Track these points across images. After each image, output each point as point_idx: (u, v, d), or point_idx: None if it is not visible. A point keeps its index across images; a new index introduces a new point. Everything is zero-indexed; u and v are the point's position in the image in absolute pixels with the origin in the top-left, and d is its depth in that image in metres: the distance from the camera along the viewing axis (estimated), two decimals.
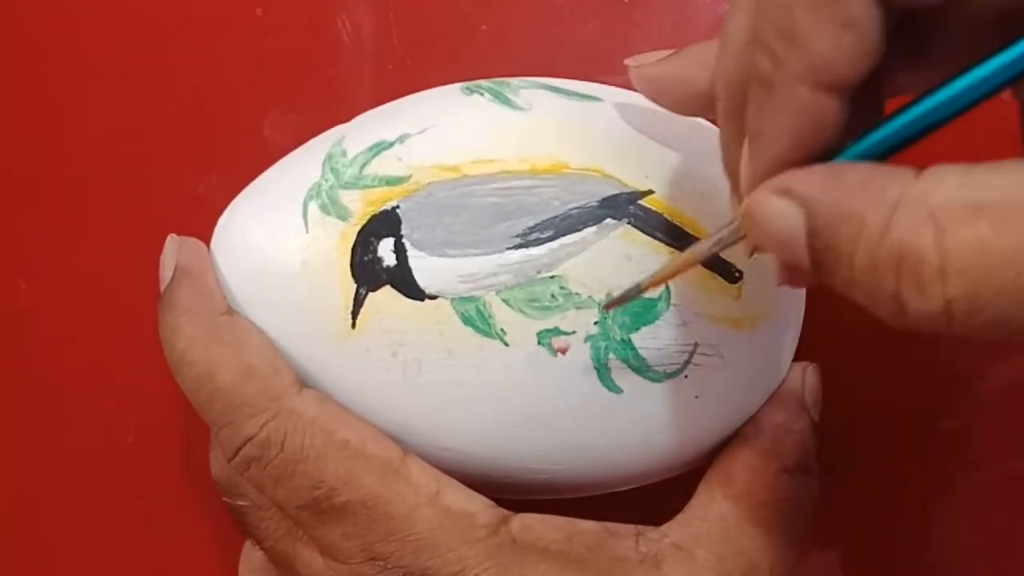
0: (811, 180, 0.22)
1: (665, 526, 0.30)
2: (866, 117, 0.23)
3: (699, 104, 0.29)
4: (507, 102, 0.32)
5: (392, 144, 0.31)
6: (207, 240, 0.33)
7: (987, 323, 0.20)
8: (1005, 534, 0.38)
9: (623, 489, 0.33)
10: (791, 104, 0.22)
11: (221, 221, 0.33)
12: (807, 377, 0.32)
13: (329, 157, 0.32)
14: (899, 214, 0.20)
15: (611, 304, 0.29)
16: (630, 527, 0.30)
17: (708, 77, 0.27)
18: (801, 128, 0.22)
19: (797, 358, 0.33)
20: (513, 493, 0.32)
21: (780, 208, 0.22)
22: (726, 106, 0.25)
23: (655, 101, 0.30)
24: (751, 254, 0.26)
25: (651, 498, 0.33)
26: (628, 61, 0.31)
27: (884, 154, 0.22)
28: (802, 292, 0.33)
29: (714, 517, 0.30)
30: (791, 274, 0.24)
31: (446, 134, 0.31)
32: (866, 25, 0.21)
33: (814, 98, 0.22)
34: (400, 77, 0.40)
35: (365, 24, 0.40)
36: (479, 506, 0.29)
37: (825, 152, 0.23)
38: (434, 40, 0.40)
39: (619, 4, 0.40)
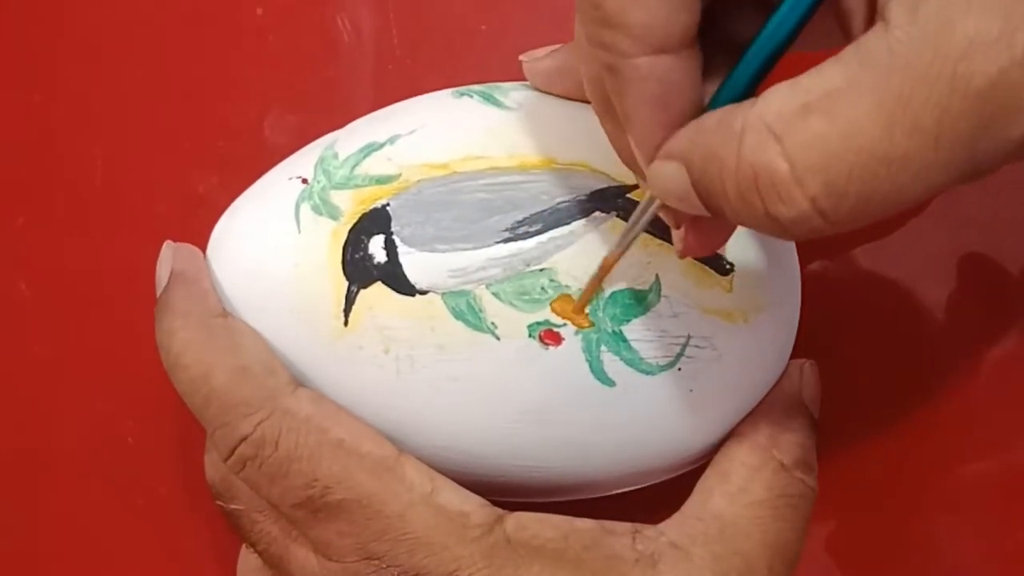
0: (683, 136, 0.24)
1: (662, 524, 0.30)
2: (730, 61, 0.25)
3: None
4: (496, 103, 0.32)
5: (382, 145, 0.31)
6: (207, 240, 0.33)
7: (855, 207, 0.22)
8: (1004, 527, 0.37)
9: (620, 492, 0.33)
10: (636, 78, 0.24)
11: (217, 227, 0.33)
12: (805, 374, 0.32)
13: (321, 160, 0.32)
14: (745, 139, 0.22)
15: (583, 302, 0.30)
16: (627, 525, 0.30)
17: None
18: (654, 94, 0.24)
19: (796, 355, 0.33)
20: (510, 494, 0.32)
21: (667, 171, 0.25)
22: (597, 104, 0.27)
23: (548, 92, 0.32)
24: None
25: (650, 497, 0.33)
26: (522, 57, 0.33)
27: (748, 91, 0.24)
28: (798, 287, 0.33)
29: (710, 516, 0.30)
30: (698, 235, 0.27)
31: (435, 134, 0.31)
32: None
33: (652, 64, 0.24)
34: (399, 78, 0.40)
35: (365, 24, 0.40)
36: (473, 505, 0.29)
37: (696, 107, 0.25)
38: (434, 40, 0.40)
39: None
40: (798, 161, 0.21)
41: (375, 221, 0.30)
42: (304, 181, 0.31)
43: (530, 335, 0.29)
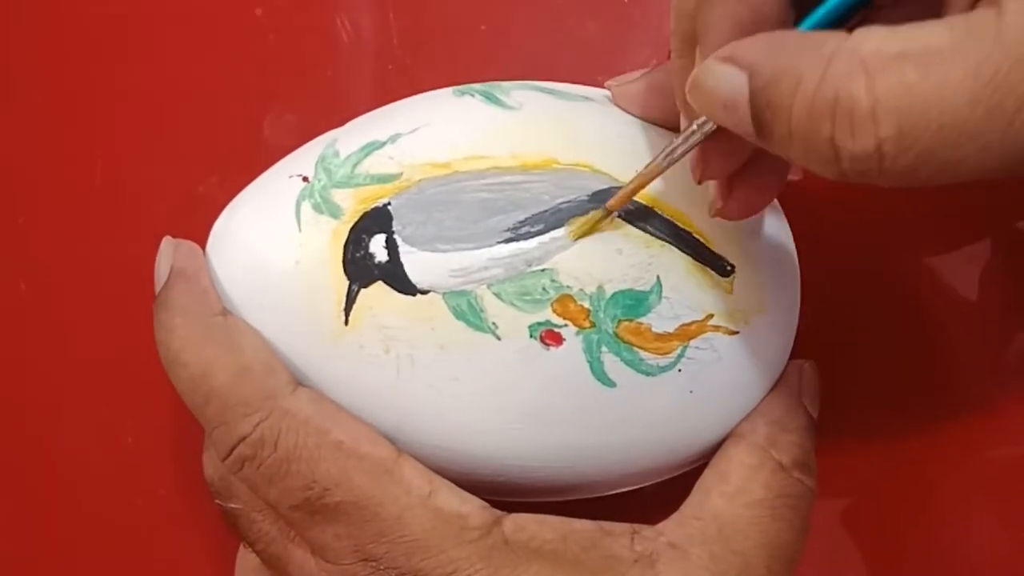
0: (754, 45, 0.24)
1: (661, 524, 0.30)
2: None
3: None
4: (498, 102, 0.32)
5: (384, 144, 0.31)
6: (206, 240, 0.33)
7: (913, 162, 0.22)
8: (1007, 524, 0.37)
9: (619, 491, 0.33)
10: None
11: (216, 224, 0.33)
12: (804, 374, 0.32)
13: (322, 158, 0.32)
14: (833, 65, 0.23)
15: (579, 233, 0.30)
16: (626, 526, 0.30)
17: None
18: (741, 17, 0.25)
19: (795, 355, 0.33)
20: (509, 494, 0.32)
21: (725, 72, 0.25)
22: (679, 34, 0.27)
23: (641, 116, 0.32)
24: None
25: (649, 498, 0.33)
26: (608, 83, 0.33)
27: (834, 26, 0.25)
28: (798, 288, 0.33)
29: (709, 516, 0.30)
30: (724, 147, 0.27)
31: (437, 133, 0.31)
32: None
33: None
34: (400, 77, 0.40)
35: (365, 24, 0.40)
36: (472, 507, 0.29)
37: None
38: (434, 40, 0.40)
39: (619, 4, 0.40)
40: (882, 102, 0.22)
41: (376, 220, 0.30)
42: (305, 179, 0.31)
43: (531, 335, 0.29)
